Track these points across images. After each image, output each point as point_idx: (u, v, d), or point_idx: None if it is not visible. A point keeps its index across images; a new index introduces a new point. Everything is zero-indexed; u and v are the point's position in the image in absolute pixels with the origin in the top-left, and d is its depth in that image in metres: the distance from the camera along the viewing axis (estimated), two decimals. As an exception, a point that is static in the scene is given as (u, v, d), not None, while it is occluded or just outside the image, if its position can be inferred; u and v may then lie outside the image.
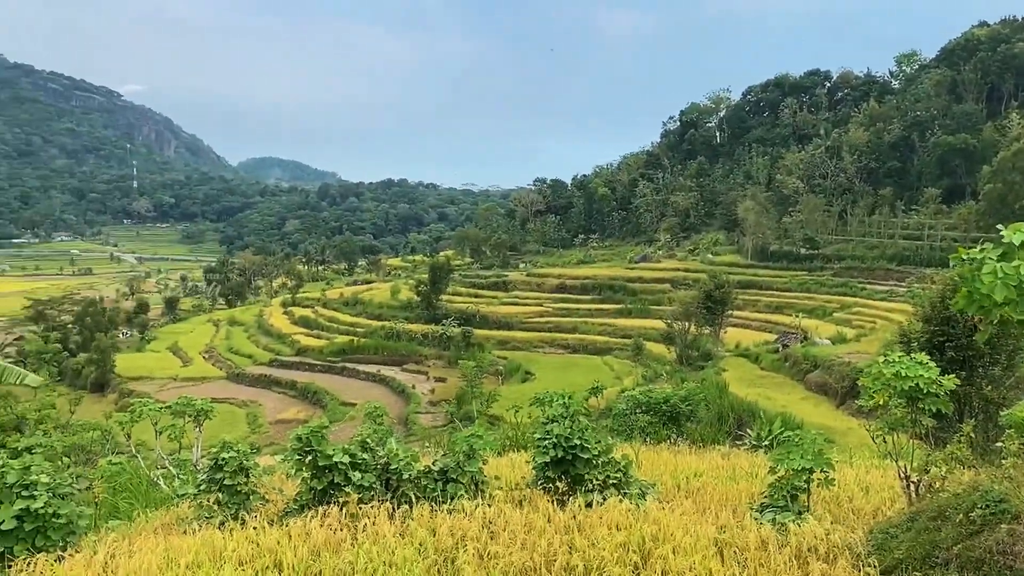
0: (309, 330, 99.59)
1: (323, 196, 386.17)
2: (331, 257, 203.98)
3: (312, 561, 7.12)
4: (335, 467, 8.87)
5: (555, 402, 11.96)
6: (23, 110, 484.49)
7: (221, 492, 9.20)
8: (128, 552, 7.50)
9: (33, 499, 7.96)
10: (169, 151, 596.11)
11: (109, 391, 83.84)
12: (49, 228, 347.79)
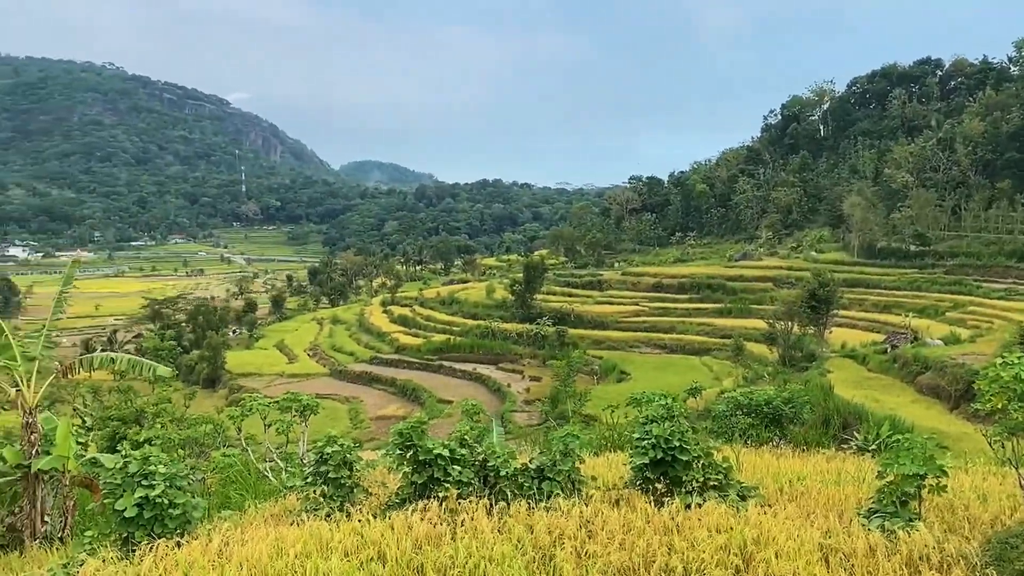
0: (407, 328, 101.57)
1: (420, 197, 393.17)
2: (428, 257, 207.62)
3: (414, 554, 7.30)
4: (435, 462, 9.06)
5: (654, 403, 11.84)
6: (141, 119, 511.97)
7: (327, 485, 9.53)
8: (241, 540, 7.85)
9: (152, 488, 8.43)
10: (275, 156, 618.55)
11: (220, 387, 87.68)
12: (165, 231, 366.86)
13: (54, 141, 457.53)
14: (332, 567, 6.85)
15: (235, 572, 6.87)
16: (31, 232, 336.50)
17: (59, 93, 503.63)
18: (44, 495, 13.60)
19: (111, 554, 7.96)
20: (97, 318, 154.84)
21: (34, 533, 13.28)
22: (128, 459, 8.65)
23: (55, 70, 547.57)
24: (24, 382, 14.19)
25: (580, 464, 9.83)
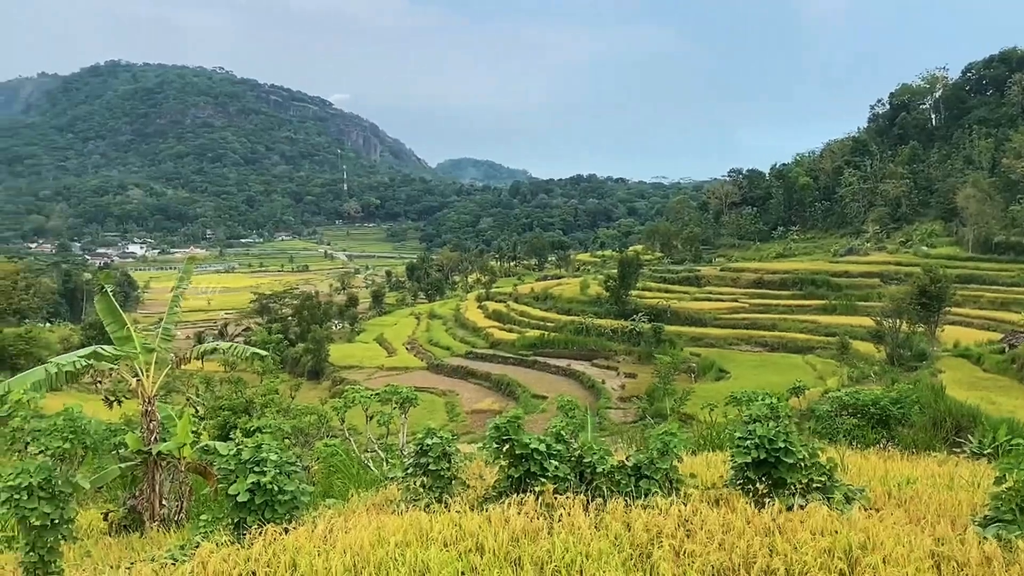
0: (502, 324, 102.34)
1: (514, 194, 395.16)
2: (522, 253, 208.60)
3: (511, 547, 7.38)
4: (531, 456, 9.12)
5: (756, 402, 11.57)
6: (248, 121, 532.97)
7: (426, 476, 9.73)
8: (344, 528, 8.11)
9: (263, 474, 8.80)
10: (375, 155, 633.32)
11: (324, 379, 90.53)
12: (271, 229, 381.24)
13: (169, 143, 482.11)
14: (431, 557, 7.01)
15: (339, 558, 7.10)
16: (148, 230, 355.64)
17: (173, 97, 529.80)
18: (162, 480, 14.35)
19: (224, 537, 8.35)
20: (210, 312, 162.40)
21: (153, 515, 14.04)
22: (241, 446, 9.04)
23: (170, 75, 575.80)
24: (144, 372, 15.01)
25: (678, 462, 9.72)
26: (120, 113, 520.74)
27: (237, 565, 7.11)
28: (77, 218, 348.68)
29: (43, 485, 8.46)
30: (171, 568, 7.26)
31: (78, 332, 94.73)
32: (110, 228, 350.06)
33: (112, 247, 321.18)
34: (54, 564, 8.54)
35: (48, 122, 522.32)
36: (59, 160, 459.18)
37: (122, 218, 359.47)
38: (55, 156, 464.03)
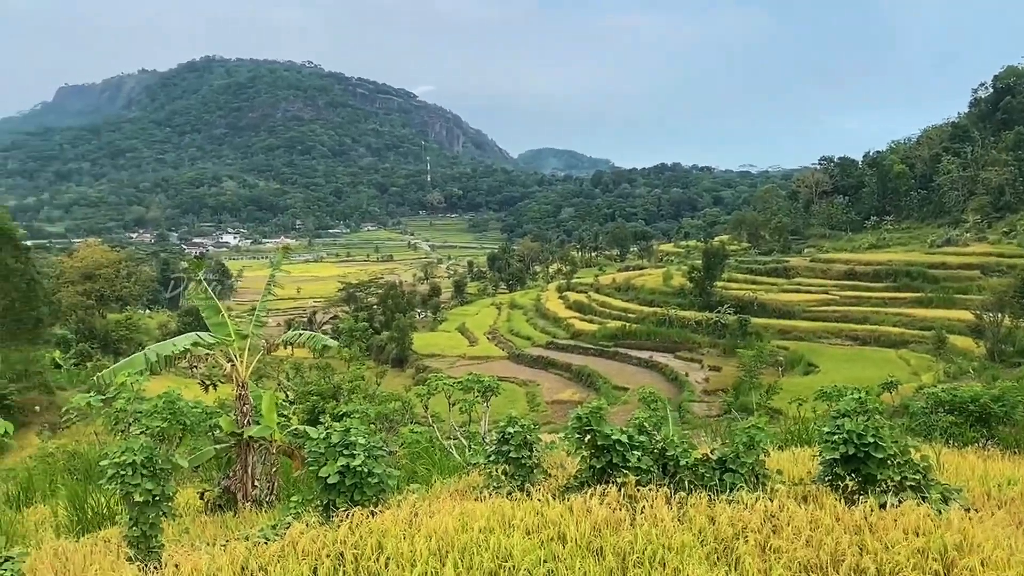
0: (583, 315, 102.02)
1: (596, 183, 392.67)
2: (604, 243, 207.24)
3: (593, 537, 7.38)
4: (613, 448, 9.09)
5: (846, 396, 11.23)
6: (336, 114, 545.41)
7: (508, 464, 9.81)
8: (429, 512, 8.26)
9: (353, 458, 9.02)
10: (457, 146, 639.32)
11: (407, 366, 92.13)
12: (358, 219, 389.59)
13: (260, 136, 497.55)
14: (514, 543, 7.07)
15: (424, 542, 7.24)
16: (241, 220, 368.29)
17: (265, 92, 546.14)
18: (254, 461, 14.89)
19: (313, 518, 8.62)
20: (299, 300, 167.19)
21: (246, 495, 14.59)
22: (331, 430, 9.30)
23: (261, 70, 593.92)
24: (238, 358, 15.59)
25: (765, 457, 9.53)
26: (214, 107, 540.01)
27: (325, 546, 7.33)
28: (175, 209, 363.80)
29: (146, 463, 8.89)
30: (263, 547, 7.52)
31: (175, 319, 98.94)
32: (205, 218, 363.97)
33: (207, 237, 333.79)
34: (155, 539, 8.97)
35: (148, 117, 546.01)
36: (158, 153, 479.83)
37: (217, 209, 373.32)
38: (154, 149, 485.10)
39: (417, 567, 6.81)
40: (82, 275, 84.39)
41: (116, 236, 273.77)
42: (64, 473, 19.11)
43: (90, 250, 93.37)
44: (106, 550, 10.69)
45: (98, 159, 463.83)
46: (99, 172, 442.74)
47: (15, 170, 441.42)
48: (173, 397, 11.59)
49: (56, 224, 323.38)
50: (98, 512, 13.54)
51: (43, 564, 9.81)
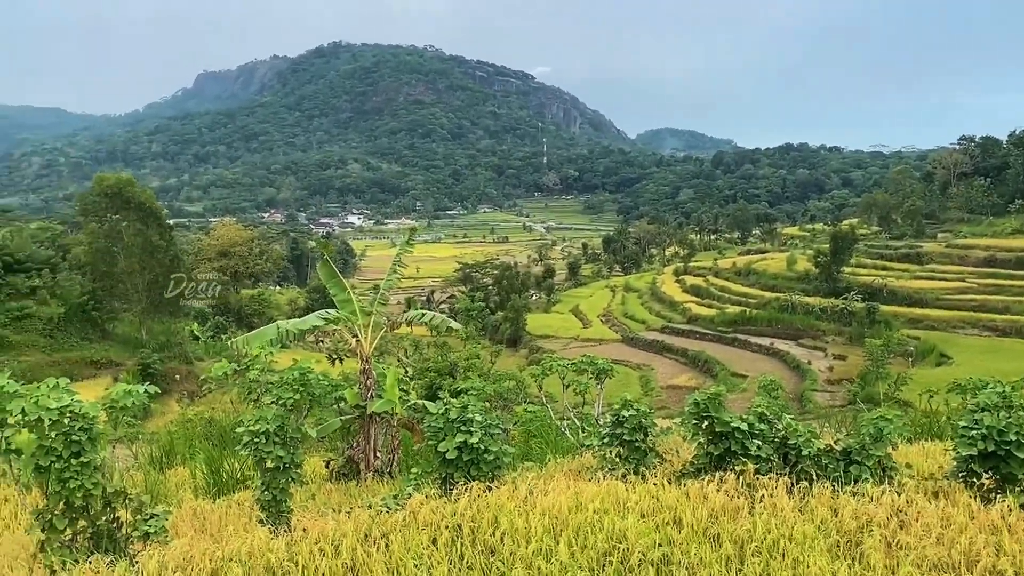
0: (700, 299, 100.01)
1: (717, 164, 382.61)
2: (724, 226, 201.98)
3: (710, 523, 7.29)
4: (732, 434, 8.93)
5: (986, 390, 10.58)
6: (456, 97, 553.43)
7: (622, 447, 9.79)
8: (543, 491, 8.36)
9: (470, 434, 9.24)
10: (574, 127, 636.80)
11: (521, 346, 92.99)
12: (475, 201, 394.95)
13: (384, 120, 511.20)
14: (629, 526, 7.07)
15: (539, 520, 7.34)
16: (365, 202, 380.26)
17: (388, 76, 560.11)
18: (376, 434, 15.46)
19: (432, 491, 8.88)
20: (418, 280, 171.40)
21: (368, 466, 15.18)
22: (449, 407, 9.55)
23: (385, 55, 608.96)
24: (362, 334, 16.17)
25: (893, 450, 9.13)
26: (341, 92, 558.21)
27: (444, 517, 7.54)
28: (303, 190, 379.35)
29: (277, 432, 9.40)
30: (386, 515, 7.82)
31: (303, 295, 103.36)
32: (332, 200, 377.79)
33: (333, 217, 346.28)
34: (284, 503, 9.48)
35: (279, 101, 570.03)
36: (288, 137, 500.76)
37: (342, 190, 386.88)
38: (284, 133, 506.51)
39: (532, 543, 6.92)
40: (218, 252, 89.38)
41: (249, 216, 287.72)
42: (201, 438, 20.37)
43: (225, 229, 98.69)
44: (239, 512, 11.38)
45: (233, 142, 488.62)
46: (234, 155, 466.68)
47: (159, 153, 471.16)
48: (304, 370, 12.14)
49: (195, 204, 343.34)
50: (232, 476, 14.40)
51: (183, 522, 10.56)
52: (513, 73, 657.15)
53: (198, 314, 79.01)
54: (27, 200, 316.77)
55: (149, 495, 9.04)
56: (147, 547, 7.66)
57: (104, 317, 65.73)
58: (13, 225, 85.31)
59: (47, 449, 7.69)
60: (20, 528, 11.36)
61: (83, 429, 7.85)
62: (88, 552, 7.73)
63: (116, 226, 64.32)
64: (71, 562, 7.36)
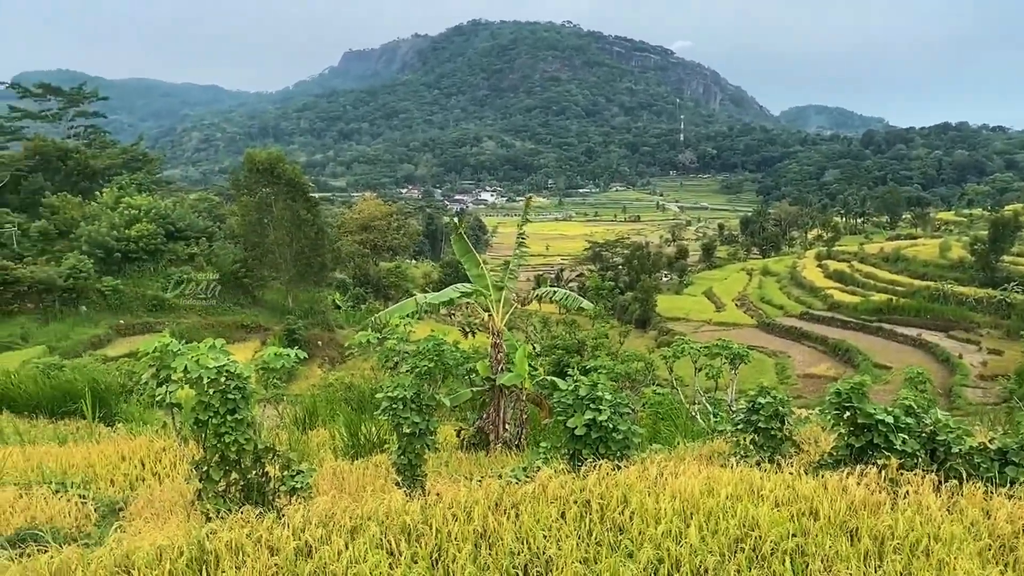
0: (843, 285, 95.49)
1: (867, 143, 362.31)
2: (871, 209, 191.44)
3: (848, 517, 7.03)
4: (876, 427, 8.54)
5: None
6: (592, 73, 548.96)
7: (757, 434, 9.56)
8: (674, 473, 8.29)
9: (599, 412, 9.26)
10: (714, 104, 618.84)
11: (650, 328, 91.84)
12: (607, 179, 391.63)
13: (519, 97, 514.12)
14: (762, 514, 6.92)
15: (668, 502, 7.29)
16: (498, 179, 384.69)
17: (525, 53, 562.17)
18: (505, 406, 15.75)
19: (561, 466, 8.98)
20: (548, 257, 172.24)
21: (497, 437, 15.51)
22: (579, 384, 9.60)
23: (523, 32, 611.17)
24: (494, 308, 16.47)
25: (1055, 453, 8.47)
26: (478, 70, 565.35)
27: (573, 492, 7.61)
28: (439, 167, 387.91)
29: (414, 399, 9.75)
30: (515, 486, 7.98)
31: (437, 269, 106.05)
32: (466, 176, 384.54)
33: (467, 194, 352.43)
34: (419, 468, 9.85)
35: (419, 79, 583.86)
36: (427, 114, 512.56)
37: (476, 168, 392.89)
38: (424, 111, 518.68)
39: (661, 525, 6.89)
40: (359, 226, 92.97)
41: (389, 191, 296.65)
42: (341, 403, 21.36)
43: (366, 203, 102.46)
44: (376, 474, 11.92)
45: (375, 120, 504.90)
46: (376, 132, 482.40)
47: (306, 129, 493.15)
48: (439, 341, 12.51)
49: (339, 179, 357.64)
50: (369, 439, 15.05)
51: (324, 480, 11.15)
52: (652, 48, 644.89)
53: (340, 284, 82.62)
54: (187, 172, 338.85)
55: (294, 453, 9.58)
56: (292, 502, 8.14)
57: (254, 284, 69.84)
58: (176, 196, 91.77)
59: (205, 405, 8.29)
60: (178, 477, 12.35)
61: (238, 388, 8.41)
62: (239, 503, 8.29)
63: (266, 199, 67.98)
64: (224, 511, 7.91)
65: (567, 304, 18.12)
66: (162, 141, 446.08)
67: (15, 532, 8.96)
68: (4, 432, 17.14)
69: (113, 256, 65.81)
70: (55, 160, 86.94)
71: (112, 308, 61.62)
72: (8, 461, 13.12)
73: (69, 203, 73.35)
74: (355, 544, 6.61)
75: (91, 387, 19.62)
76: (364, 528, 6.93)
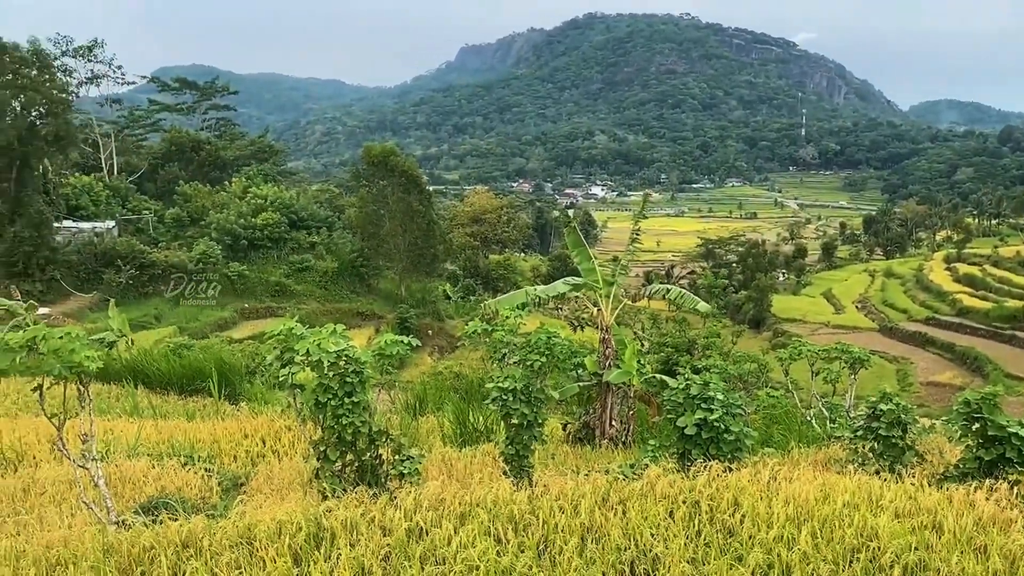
0: (974, 290, 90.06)
1: (1005, 140, 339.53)
2: (1008, 210, 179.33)
3: (976, 533, 6.67)
4: (1008, 440, 8.07)
5: None
6: (710, 66, 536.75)
7: (877, 442, 9.19)
8: (787, 477, 8.06)
9: (711, 412, 9.11)
10: (838, 98, 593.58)
11: (764, 329, 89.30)
12: (723, 175, 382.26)
13: (633, 91, 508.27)
14: (881, 524, 6.65)
15: (782, 507, 7.11)
16: (609, 173, 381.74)
17: (641, 46, 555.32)
18: (613, 403, 15.69)
19: (669, 464, 8.89)
20: (658, 253, 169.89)
21: (603, 433, 15.48)
22: (690, 382, 9.47)
23: (639, 25, 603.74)
24: (604, 303, 16.42)
25: None
26: (592, 63, 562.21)
27: (682, 492, 7.53)
28: (550, 161, 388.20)
29: (523, 390, 9.85)
30: (623, 483, 7.96)
31: (546, 263, 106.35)
32: (577, 171, 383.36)
33: (578, 188, 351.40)
34: (527, 459, 9.95)
35: (533, 74, 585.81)
36: (539, 108, 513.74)
37: (588, 162, 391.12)
38: (536, 105, 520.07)
39: (773, 529, 6.73)
40: (470, 219, 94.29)
41: (499, 185, 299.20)
42: (449, 391, 21.78)
43: (478, 197, 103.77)
44: (483, 463, 12.11)
45: (489, 114, 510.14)
46: (489, 126, 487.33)
47: (422, 123, 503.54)
48: (551, 334, 12.56)
49: (452, 172, 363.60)
50: (476, 428, 15.30)
51: (432, 466, 11.43)
52: (773, 41, 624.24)
53: (450, 275, 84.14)
54: (309, 164, 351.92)
55: (405, 438, 9.86)
56: (403, 485, 8.39)
57: (370, 273, 72.02)
58: (299, 187, 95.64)
59: (325, 387, 8.63)
60: (296, 455, 12.92)
61: (355, 372, 8.72)
62: (353, 483, 8.61)
63: (382, 191, 69.93)
64: (340, 490, 8.23)
65: (681, 303, 17.87)
66: (287, 134, 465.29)
67: (148, 500, 9.61)
68: (140, 406, 18.36)
69: (240, 243, 69.23)
70: (189, 151, 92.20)
71: (237, 292, 64.92)
72: (143, 433, 14.04)
73: (201, 192, 77.61)
74: (464, 529, 6.77)
75: (217, 367, 20.74)
76: (473, 515, 7.08)
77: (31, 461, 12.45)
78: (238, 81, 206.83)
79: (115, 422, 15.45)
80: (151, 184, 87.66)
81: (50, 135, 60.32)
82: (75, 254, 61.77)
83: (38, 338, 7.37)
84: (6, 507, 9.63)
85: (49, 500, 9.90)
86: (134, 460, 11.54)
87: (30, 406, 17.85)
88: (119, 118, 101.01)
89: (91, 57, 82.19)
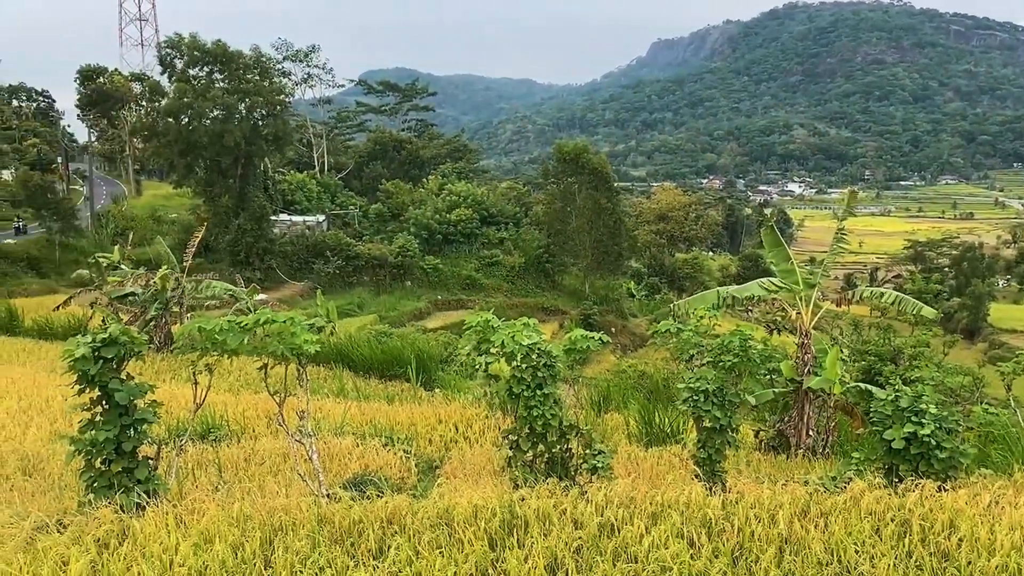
0: None
1: None
2: None
3: None
4: None
5: None
6: (923, 55, 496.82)
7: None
8: (1012, 503, 7.36)
9: (921, 425, 8.46)
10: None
11: (979, 339, 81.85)
12: (935, 171, 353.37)
13: (836, 82, 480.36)
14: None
15: (1005, 533, 6.51)
16: (808, 169, 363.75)
17: (846, 35, 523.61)
18: (811, 411, 14.94)
19: (875, 479, 8.35)
20: (860, 255, 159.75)
21: (799, 442, 14.78)
22: (900, 393, 8.85)
23: (844, 13, 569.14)
24: (803, 307, 15.67)
25: None
26: (792, 55, 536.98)
27: (890, 510, 7.07)
28: (743, 156, 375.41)
29: (716, 393, 9.62)
30: (823, 495, 7.58)
31: (735, 262, 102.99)
32: (772, 167, 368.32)
33: (772, 185, 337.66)
34: (719, 464, 9.71)
35: (727, 67, 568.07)
36: (733, 102, 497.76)
37: (784, 157, 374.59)
38: (730, 99, 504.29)
39: (996, 557, 6.17)
40: (657, 216, 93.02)
41: (688, 181, 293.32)
42: (634, 389, 21.62)
43: (665, 193, 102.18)
44: (670, 464, 11.94)
45: (679, 109, 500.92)
46: (679, 121, 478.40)
47: (611, 120, 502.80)
48: (746, 336, 12.20)
49: (639, 169, 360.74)
50: (662, 429, 15.08)
51: (618, 464, 11.40)
52: (998, 26, 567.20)
53: (635, 273, 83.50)
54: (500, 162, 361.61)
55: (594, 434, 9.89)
56: (593, 480, 8.44)
57: (555, 269, 72.97)
58: (490, 184, 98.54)
59: (519, 379, 8.86)
60: (486, 443, 13.34)
61: (547, 365, 8.88)
62: (544, 474, 8.78)
63: (570, 188, 70.58)
64: (531, 480, 8.41)
65: (902, 308, 16.70)
66: (480, 133, 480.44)
67: (353, 476, 10.30)
68: (345, 388, 19.67)
69: (435, 237, 72.40)
70: (391, 150, 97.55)
71: (432, 284, 67.93)
72: (348, 413, 15.04)
73: (401, 189, 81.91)
74: (656, 529, 6.71)
75: (415, 354, 21.81)
76: (665, 515, 7.01)
77: (251, 434, 13.67)
78: (436, 82, 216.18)
79: (323, 402, 16.64)
80: (357, 181, 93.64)
81: (270, 135, 65.80)
82: (289, 245, 67.15)
83: (262, 321, 8.09)
84: (231, 474, 10.63)
85: (267, 470, 10.83)
86: (340, 438, 12.38)
87: (249, 384, 19.58)
88: (329, 119, 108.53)
89: (307, 61, 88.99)
